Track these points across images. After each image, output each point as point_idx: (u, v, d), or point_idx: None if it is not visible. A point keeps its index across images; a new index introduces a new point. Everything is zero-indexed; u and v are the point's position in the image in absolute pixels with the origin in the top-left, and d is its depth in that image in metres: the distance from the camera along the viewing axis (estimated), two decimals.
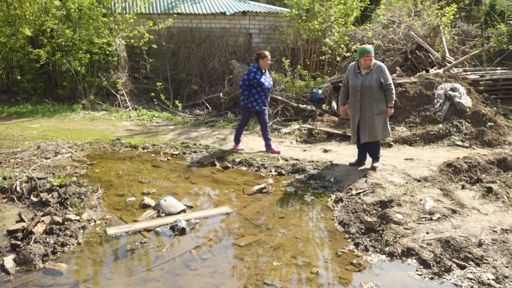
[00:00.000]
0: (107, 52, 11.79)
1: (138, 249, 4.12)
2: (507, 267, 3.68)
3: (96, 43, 11.59)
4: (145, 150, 7.61)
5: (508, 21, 13.21)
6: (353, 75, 5.98)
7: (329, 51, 11.33)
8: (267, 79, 7.10)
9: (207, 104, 11.25)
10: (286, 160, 6.84)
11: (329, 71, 11.74)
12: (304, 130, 8.62)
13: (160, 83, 11.50)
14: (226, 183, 5.99)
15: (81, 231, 4.40)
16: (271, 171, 6.44)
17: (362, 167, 6.25)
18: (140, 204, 5.13)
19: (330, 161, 6.59)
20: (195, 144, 7.91)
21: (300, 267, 3.85)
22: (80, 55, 11.43)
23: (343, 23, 11.62)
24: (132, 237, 4.37)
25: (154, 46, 12.31)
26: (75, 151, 7.29)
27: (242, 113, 7.66)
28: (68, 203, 4.91)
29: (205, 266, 3.82)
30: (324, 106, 9.44)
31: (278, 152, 7.21)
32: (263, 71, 7.06)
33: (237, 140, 7.51)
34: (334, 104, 9.40)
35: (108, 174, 6.29)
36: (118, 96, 11.55)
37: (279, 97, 9.82)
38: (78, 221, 4.57)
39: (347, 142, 7.83)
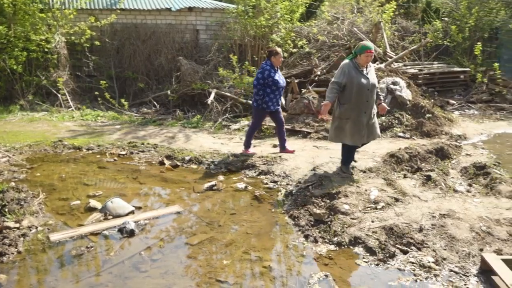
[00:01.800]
0: (46, 50, 11.21)
1: (84, 254, 3.97)
2: (445, 249, 3.91)
3: (33, 40, 10.99)
4: (90, 151, 7.33)
5: (442, 18, 13.97)
6: (356, 73, 5.38)
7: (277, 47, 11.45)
8: (280, 77, 6.73)
9: (155, 102, 11.02)
10: (236, 156, 6.85)
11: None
12: None
13: (104, 81, 11.11)
14: (176, 182, 5.90)
15: (22, 239, 4.18)
16: (221, 168, 6.42)
17: (311, 161, 6.37)
18: (85, 208, 4.94)
19: (280, 156, 6.67)
20: (143, 144, 7.73)
21: (252, 262, 3.88)
22: (16, 53, 10.79)
23: (289, 19, 11.77)
24: (78, 242, 4.20)
25: (97, 43, 11.86)
26: (13, 155, 6.89)
27: (254, 115, 6.97)
28: (6, 210, 4.63)
29: (155, 267, 3.75)
30: None
31: (292, 152, 6.91)
32: (276, 68, 6.68)
33: (247, 144, 6.96)
34: (282, 99, 9.51)
35: (50, 177, 6.00)
36: (59, 95, 11.03)
37: (228, 94, 9.81)
38: (18, 228, 4.33)
39: (296, 137, 7.96)
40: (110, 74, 12.08)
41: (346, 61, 5.56)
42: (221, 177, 6.05)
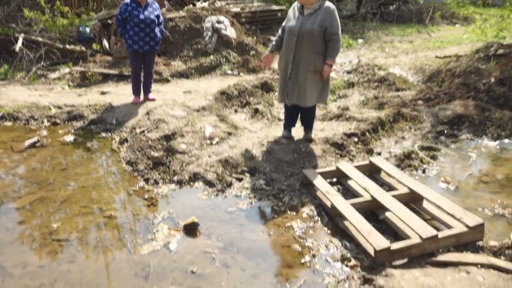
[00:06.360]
0: None
1: None
2: (274, 172, 4.38)
3: None
4: None
5: None
6: (292, 16, 4.60)
7: None
8: (145, 12, 5.89)
9: None
10: (60, 107, 6.22)
11: (95, 7, 10.81)
12: (76, 73, 7.91)
13: None
14: None
15: None
16: (43, 122, 5.79)
17: (145, 105, 6.20)
18: None
19: (110, 103, 6.30)
20: None
21: (93, 214, 3.73)
22: None
23: None
24: None
25: None
26: None
27: (128, 57, 6.52)
28: None
29: None
30: (94, 46, 8.78)
31: (153, 99, 6.40)
32: (145, 3, 5.92)
33: (134, 92, 6.33)
34: (105, 42, 8.84)
35: None
36: None
37: (40, 39, 8.63)
38: None
39: (125, 82, 7.58)
40: None
41: (296, 1, 4.65)
42: (44, 132, 5.46)
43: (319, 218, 3.66)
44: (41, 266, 3.04)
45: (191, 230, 3.43)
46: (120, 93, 6.88)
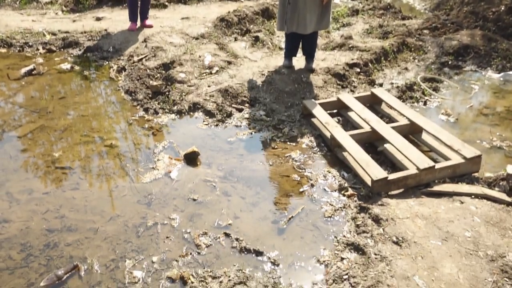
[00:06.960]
0: None
1: None
2: (274, 102, 4.34)
3: None
4: None
5: None
6: None
7: None
8: None
9: None
10: (54, 34, 6.03)
11: None
12: None
13: None
14: None
15: None
16: (38, 49, 5.64)
17: (142, 32, 5.99)
18: None
19: (105, 30, 6.10)
20: None
21: (94, 143, 3.75)
22: None
23: None
24: None
25: None
26: None
27: None
28: None
29: None
30: None
31: (151, 26, 6.14)
32: None
33: (131, 18, 6.05)
34: None
35: None
36: None
37: None
38: None
39: (121, 7, 7.28)
40: None
41: None
42: (40, 60, 5.34)
43: (319, 149, 3.70)
44: (46, 192, 3.12)
45: (191, 159, 3.48)
46: (116, 19, 6.63)
